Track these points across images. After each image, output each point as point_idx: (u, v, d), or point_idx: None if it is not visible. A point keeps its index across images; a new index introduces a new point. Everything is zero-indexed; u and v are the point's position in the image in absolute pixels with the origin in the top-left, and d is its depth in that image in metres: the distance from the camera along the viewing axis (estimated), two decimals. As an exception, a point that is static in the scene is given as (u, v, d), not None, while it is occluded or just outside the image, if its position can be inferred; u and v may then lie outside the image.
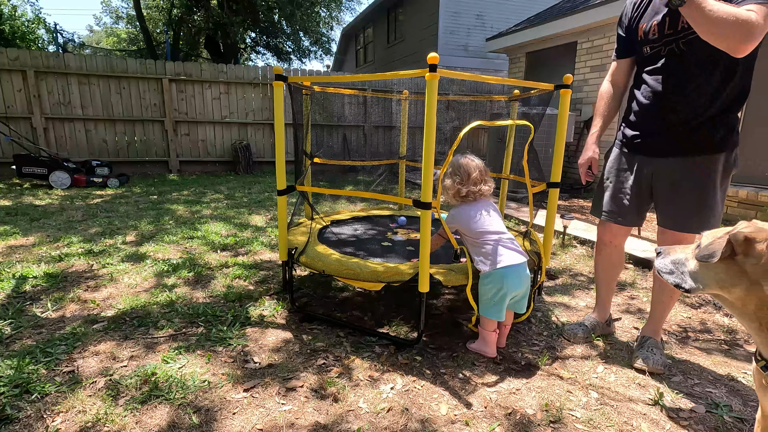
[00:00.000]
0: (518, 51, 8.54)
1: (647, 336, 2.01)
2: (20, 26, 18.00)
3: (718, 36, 1.44)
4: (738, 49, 1.44)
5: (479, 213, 1.98)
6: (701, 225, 1.74)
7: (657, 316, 2.01)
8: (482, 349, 2.00)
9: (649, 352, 1.92)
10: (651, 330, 2.02)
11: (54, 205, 5.19)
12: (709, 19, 1.42)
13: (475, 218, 1.96)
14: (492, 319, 1.95)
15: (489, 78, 2.04)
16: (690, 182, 1.76)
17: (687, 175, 1.76)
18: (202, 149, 8.71)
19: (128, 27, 25.61)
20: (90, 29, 43.76)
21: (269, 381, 1.78)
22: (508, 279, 1.89)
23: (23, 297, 2.53)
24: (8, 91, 7.33)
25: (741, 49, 1.44)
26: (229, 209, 5.17)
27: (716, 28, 1.42)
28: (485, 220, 1.97)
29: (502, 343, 2.06)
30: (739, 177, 4.76)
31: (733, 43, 1.43)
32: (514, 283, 1.91)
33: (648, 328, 2.04)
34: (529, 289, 2.05)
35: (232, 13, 14.28)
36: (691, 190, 1.76)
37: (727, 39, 1.43)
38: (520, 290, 1.97)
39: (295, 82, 2.46)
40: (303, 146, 2.93)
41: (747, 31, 1.39)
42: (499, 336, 2.02)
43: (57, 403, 1.60)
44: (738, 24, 1.39)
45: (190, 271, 2.99)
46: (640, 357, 1.92)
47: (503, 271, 1.89)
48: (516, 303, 2.02)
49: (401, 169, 3.67)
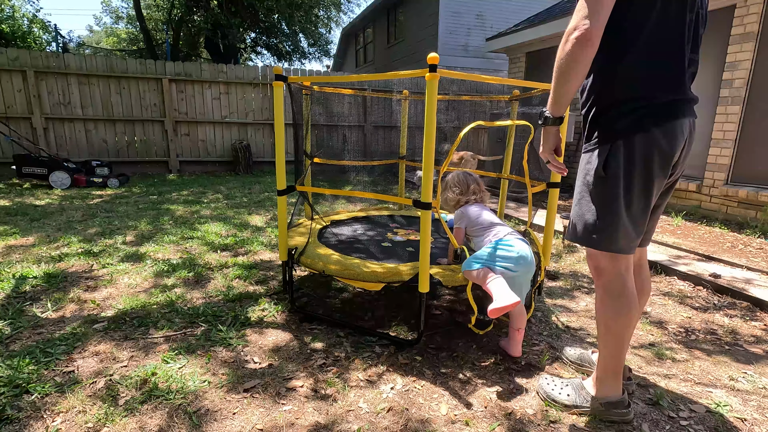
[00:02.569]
0: (518, 51, 8.54)
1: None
2: (20, 26, 17.99)
3: (570, 65, 1.30)
4: (584, 52, 1.27)
5: (482, 210, 2.23)
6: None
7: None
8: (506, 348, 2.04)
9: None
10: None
11: (54, 205, 5.19)
12: (560, 74, 1.34)
13: (480, 213, 2.20)
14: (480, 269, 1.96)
15: (489, 78, 2.04)
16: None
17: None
18: (202, 149, 8.71)
19: (128, 27, 25.60)
20: (90, 29, 43.80)
21: (269, 381, 1.78)
22: (518, 245, 1.99)
23: (23, 297, 2.53)
24: (8, 91, 7.33)
25: (584, 48, 1.27)
26: (229, 209, 5.17)
27: (563, 67, 1.32)
28: (487, 214, 2.21)
29: (518, 351, 2.00)
30: (740, 177, 4.76)
31: (580, 55, 1.27)
32: (525, 254, 1.98)
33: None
34: (530, 279, 2.04)
35: (231, 15, 14.28)
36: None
37: (576, 62, 1.29)
38: (527, 271, 2.00)
39: (295, 82, 2.46)
40: (303, 146, 2.93)
41: (574, 41, 1.26)
42: (514, 343, 1.99)
43: (57, 403, 1.60)
44: (564, 48, 1.29)
45: (189, 272, 2.99)
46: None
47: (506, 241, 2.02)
48: (521, 287, 2.00)
49: (401, 169, 3.67)
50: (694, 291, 2.92)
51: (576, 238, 1.53)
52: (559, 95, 1.40)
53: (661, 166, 1.37)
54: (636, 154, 1.35)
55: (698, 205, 5.08)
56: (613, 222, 1.42)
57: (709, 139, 4.94)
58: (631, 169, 1.37)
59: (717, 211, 4.88)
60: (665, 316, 2.52)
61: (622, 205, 1.40)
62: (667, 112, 1.34)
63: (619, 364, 1.54)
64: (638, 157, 1.35)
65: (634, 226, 1.43)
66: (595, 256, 1.51)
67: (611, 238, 1.44)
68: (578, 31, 1.26)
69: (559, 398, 1.65)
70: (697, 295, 2.84)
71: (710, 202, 4.96)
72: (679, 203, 5.27)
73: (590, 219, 1.46)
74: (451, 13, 12.03)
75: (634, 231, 1.44)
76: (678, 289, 2.95)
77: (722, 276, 2.99)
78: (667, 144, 1.35)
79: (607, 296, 1.50)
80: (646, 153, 1.35)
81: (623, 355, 1.54)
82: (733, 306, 2.67)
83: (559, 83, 1.37)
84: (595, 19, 1.24)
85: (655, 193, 1.43)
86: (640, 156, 1.35)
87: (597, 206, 1.44)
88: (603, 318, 1.53)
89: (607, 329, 1.52)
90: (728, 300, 2.76)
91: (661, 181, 1.41)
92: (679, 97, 1.35)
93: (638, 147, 1.35)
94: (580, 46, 1.26)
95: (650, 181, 1.39)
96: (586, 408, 1.60)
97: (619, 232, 1.42)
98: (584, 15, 1.25)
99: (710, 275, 3.01)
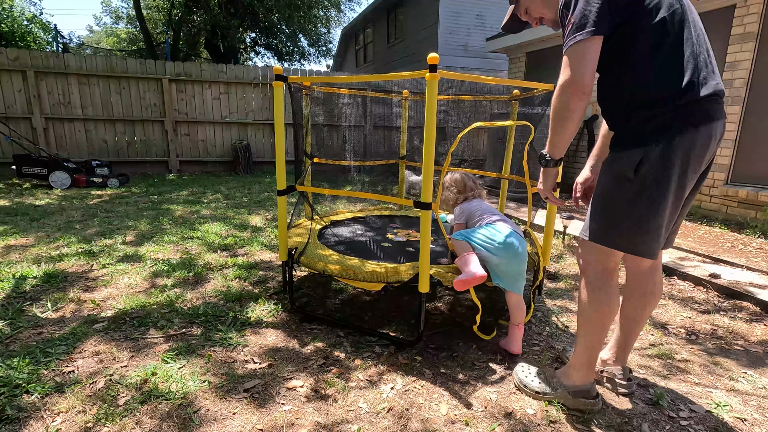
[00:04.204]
0: (518, 51, 8.54)
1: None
2: (19, 25, 17.98)
3: (566, 115, 1.39)
4: (579, 103, 1.35)
5: (481, 204, 2.31)
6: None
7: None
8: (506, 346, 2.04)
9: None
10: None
11: (54, 205, 5.19)
12: (556, 123, 1.42)
13: (479, 207, 2.27)
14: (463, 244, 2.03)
15: (489, 79, 2.04)
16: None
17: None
18: (201, 149, 8.71)
19: (128, 27, 25.58)
20: (90, 29, 43.80)
21: (269, 381, 1.77)
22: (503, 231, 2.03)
23: (23, 297, 2.52)
24: (8, 91, 7.33)
25: (579, 100, 1.35)
26: (229, 209, 5.17)
27: (560, 117, 1.40)
28: (487, 207, 2.28)
29: (518, 349, 2.02)
30: (740, 177, 4.76)
31: (575, 106, 1.35)
32: (510, 240, 2.00)
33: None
34: (521, 270, 2.03)
35: (230, 15, 14.27)
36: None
37: (571, 112, 1.37)
38: (515, 259, 2.00)
39: (295, 82, 2.46)
40: (303, 146, 2.93)
41: (568, 94, 1.34)
42: (514, 340, 2.01)
43: (57, 403, 1.60)
44: (560, 100, 1.37)
45: (189, 272, 2.99)
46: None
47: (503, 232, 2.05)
48: (512, 279, 2.01)
49: (401, 170, 3.67)
50: (695, 291, 2.92)
51: (596, 238, 1.50)
52: (558, 141, 1.48)
53: (694, 170, 1.36)
54: (673, 158, 1.32)
55: (698, 205, 5.08)
56: (638, 224, 1.40)
57: (709, 139, 4.94)
58: (666, 173, 1.34)
59: (717, 211, 4.88)
60: (665, 316, 2.52)
61: (649, 208, 1.38)
62: (703, 113, 1.33)
63: (594, 355, 1.60)
64: (675, 161, 1.32)
65: (660, 229, 1.41)
66: (588, 250, 1.53)
67: (634, 240, 1.42)
68: (572, 86, 1.33)
69: (531, 385, 1.71)
70: (697, 296, 2.84)
71: (710, 202, 4.96)
72: (679, 203, 5.26)
73: (612, 219, 1.45)
74: (451, 13, 12.03)
75: (658, 234, 1.42)
76: (678, 289, 2.95)
77: (722, 276, 2.99)
78: (702, 147, 1.33)
79: (590, 288, 1.54)
80: (683, 156, 1.33)
81: (599, 348, 1.59)
82: (734, 306, 2.67)
83: (557, 132, 1.45)
84: (584, 72, 1.31)
85: (685, 195, 1.42)
86: (677, 159, 1.32)
87: (621, 207, 1.42)
88: (583, 309, 1.57)
89: (586, 320, 1.56)
90: (728, 300, 2.76)
91: (691, 184, 1.40)
92: (709, 94, 1.33)
93: (676, 150, 1.32)
94: (576, 98, 1.34)
95: (683, 185, 1.37)
96: (554, 395, 1.65)
97: (643, 235, 1.41)
98: (575, 71, 1.32)
99: (710, 275, 3.01)
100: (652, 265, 1.64)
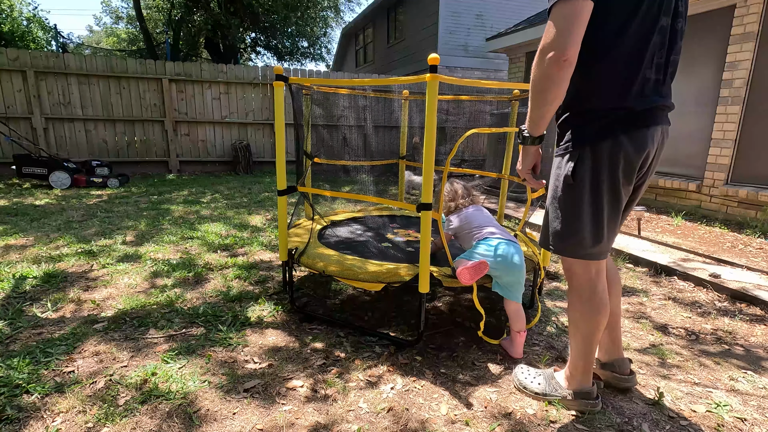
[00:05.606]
0: (518, 51, 8.54)
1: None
2: (19, 25, 17.97)
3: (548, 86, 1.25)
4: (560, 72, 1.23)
5: (477, 212, 2.27)
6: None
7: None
8: (507, 349, 2.05)
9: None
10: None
11: (54, 205, 5.19)
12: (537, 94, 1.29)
13: (474, 216, 2.23)
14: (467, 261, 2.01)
15: (489, 83, 2.04)
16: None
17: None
18: (202, 149, 8.71)
19: (128, 27, 25.59)
20: (90, 29, 43.80)
21: (269, 381, 1.77)
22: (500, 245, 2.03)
23: (23, 297, 2.52)
24: (8, 91, 7.33)
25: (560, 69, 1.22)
26: (229, 209, 5.16)
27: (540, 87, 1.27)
28: (481, 217, 2.24)
29: (518, 353, 2.01)
30: (740, 177, 4.76)
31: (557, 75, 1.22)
32: (506, 253, 2.00)
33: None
34: (518, 281, 2.03)
35: (230, 15, 14.27)
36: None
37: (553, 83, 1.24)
38: (514, 270, 2.00)
39: (296, 82, 2.46)
40: (303, 146, 2.93)
41: (549, 61, 1.21)
42: (515, 345, 2.01)
43: (57, 403, 1.60)
44: (539, 69, 1.24)
45: (189, 272, 2.99)
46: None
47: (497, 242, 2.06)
48: (511, 288, 2.02)
49: (401, 170, 3.67)
50: (695, 291, 2.92)
51: (546, 245, 1.54)
52: (538, 116, 1.35)
53: (626, 174, 1.36)
54: (602, 162, 1.34)
55: (698, 205, 5.07)
56: (581, 229, 1.42)
57: (709, 139, 4.94)
58: (597, 177, 1.36)
59: (717, 211, 4.88)
60: (665, 317, 2.52)
61: (589, 213, 1.40)
62: (636, 120, 1.33)
63: (589, 362, 1.59)
64: (604, 165, 1.34)
65: (602, 233, 1.42)
66: (568, 261, 1.53)
67: (579, 244, 1.44)
68: (554, 51, 1.19)
69: (531, 386, 1.71)
70: (697, 296, 2.84)
71: (710, 202, 4.96)
72: (679, 203, 5.27)
73: (558, 226, 1.47)
74: (451, 13, 12.03)
75: (602, 237, 1.43)
76: (678, 290, 2.94)
77: (722, 276, 2.99)
78: (634, 152, 1.33)
79: (577, 299, 1.54)
80: (611, 160, 1.33)
81: (593, 355, 1.58)
82: (734, 306, 2.67)
83: (537, 104, 1.31)
84: (571, 38, 1.19)
85: (623, 199, 1.42)
86: (606, 163, 1.34)
87: (565, 213, 1.44)
88: (573, 319, 1.57)
89: (577, 329, 1.56)
90: (728, 300, 2.76)
91: (627, 187, 1.40)
92: (650, 106, 1.33)
93: (604, 154, 1.33)
94: (558, 66, 1.21)
95: (616, 189, 1.38)
96: (555, 396, 1.65)
97: (587, 239, 1.43)
98: (559, 34, 1.19)
99: (710, 275, 3.01)
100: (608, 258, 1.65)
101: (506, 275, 2.01)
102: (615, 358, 1.74)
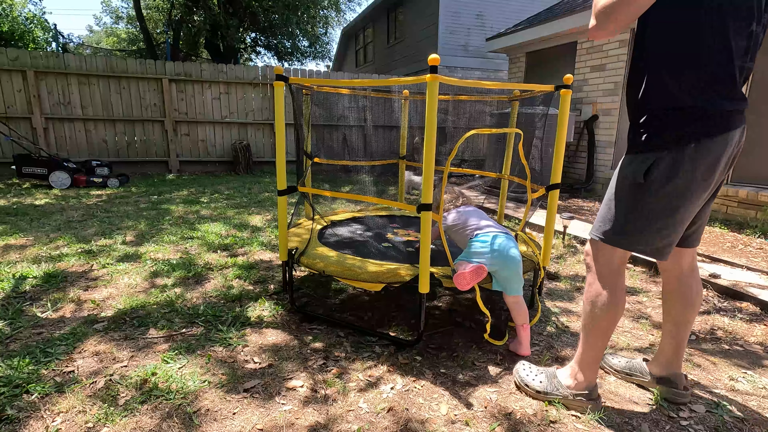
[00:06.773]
0: (518, 51, 8.54)
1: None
2: (19, 24, 17.97)
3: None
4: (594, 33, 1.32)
5: (474, 211, 2.28)
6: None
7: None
8: (515, 349, 2.04)
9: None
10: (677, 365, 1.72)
11: (53, 205, 5.19)
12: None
13: (469, 214, 2.24)
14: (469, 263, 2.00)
15: (489, 84, 2.05)
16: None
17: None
18: (202, 149, 8.70)
19: (128, 27, 25.59)
20: (90, 29, 43.80)
21: (269, 381, 1.78)
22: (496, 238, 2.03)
23: (23, 297, 2.52)
24: (8, 91, 7.33)
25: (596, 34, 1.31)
26: (229, 209, 5.17)
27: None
28: (475, 215, 2.24)
29: (526, 351, 2.02)
30: (740, 177, 4.76)
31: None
32: (502, 246, 2.01)
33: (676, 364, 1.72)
34: (515, 273, 2.03)
35: (229, 15, 14.27)
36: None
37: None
38: (510, 262, 2.00)
39: (296, 82, 2.46)
40: (303, 146, 2.93)
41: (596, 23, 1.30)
42: (521, 342, 2.01)
43: (57, 402, 1.60)
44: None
45: (189, 272, 2.99)
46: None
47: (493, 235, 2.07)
48: (509, 281, 2.02)
49: (401, 170, 3.67)
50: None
51: (605, 238, 1.50)
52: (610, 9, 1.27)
53: (705, 177, 1.35)
54: (684, 166, 1.32)
55: (698, 205, 5.07)
56: (647, 227, 1.41)
57: (709, 139, 4.94)
58: (675, 180, 1.34)
59: (717, 211, 4.88)
60: (665, 316, 2.51)
61: (657, 213, 1.38)
62: (721, 123, 1.31)
63: (598, 356, 1.59)
64: (686, 168, 1.32)
65: (670, 233, 1.41)
66: (596, 251, 1.52)
67: (644, 240, 1.44)
68: (596, 29, 1.28)
69: (532, 384, 1.71)
70: (697, 295, 2.84)
71: (710, 202, 4.96)
72: (679, 203, 5.26)
73: (621, 221, 1.45)
74: (451, 13, 12.03)
75: (669, 237, 1.42)
76: (678, 289, 2.94)
77: (722, 276, 2.99)
78: (716, 156, 1.32)
79: (598, 289, 1.53)
80: (694, 165, 1.32)
81: (602, 349, 1.58)
82: (733, 306, 2.67)
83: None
84: (618, 18, 1.24)
85: (700, 202, 1.41)
86: (688, 167, 1.32)
87: (629, 210, 1.43)
88: (589, 311, 1.56)
89: (592, 321, 1.55)
90: (728, 300, 2.76)
91: (705, 189, 1.39)
92: (734, 108, 1.32)
93: (687, 159, 1.32)
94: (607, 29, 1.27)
95: (694, 191, 1.36)
96: (556, 395, 1.64)
97: (653, 237, 1.42)
98: (607, 12, 1.24)
99: (710, 275, 3.01)
100: (690, 266, 1.64)
101: (503, 269, 2.00)
102: (672, 372, 1.70)
